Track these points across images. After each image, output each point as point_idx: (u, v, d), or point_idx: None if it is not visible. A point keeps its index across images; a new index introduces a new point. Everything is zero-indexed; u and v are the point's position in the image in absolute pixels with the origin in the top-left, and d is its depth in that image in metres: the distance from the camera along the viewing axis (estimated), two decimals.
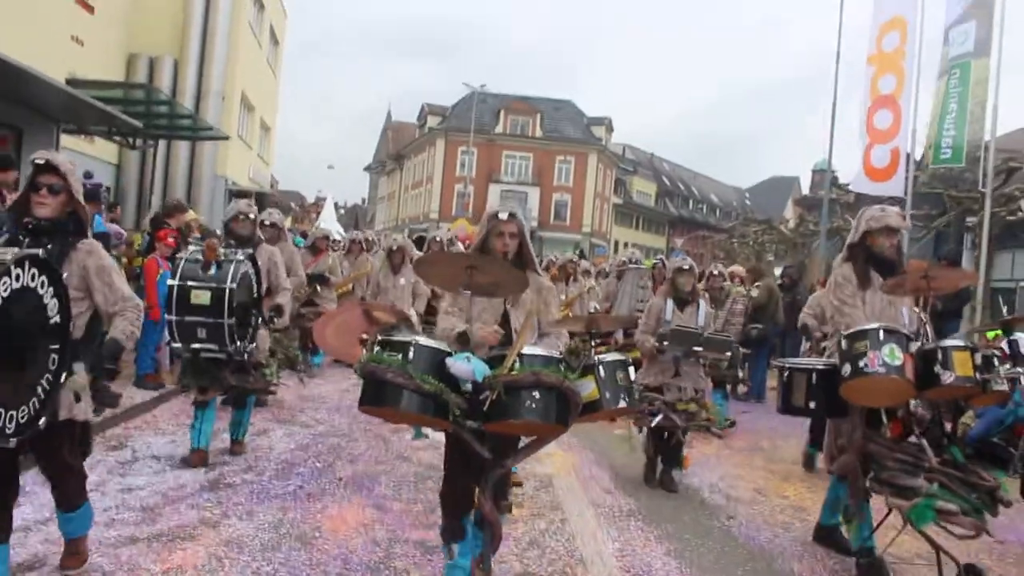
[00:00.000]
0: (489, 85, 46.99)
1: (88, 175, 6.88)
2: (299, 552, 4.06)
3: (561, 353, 3.37)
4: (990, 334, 7.84)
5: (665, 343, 5.89)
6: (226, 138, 18.07)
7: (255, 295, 5.35)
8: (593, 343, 3.97)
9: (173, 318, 5.05)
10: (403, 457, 6.13)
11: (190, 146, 18.88)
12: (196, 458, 5.42)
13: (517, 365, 3.09)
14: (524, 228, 3.67)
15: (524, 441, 3.54)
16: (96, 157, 15.93)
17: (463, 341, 3.38)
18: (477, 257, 3.40)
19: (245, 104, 22.94)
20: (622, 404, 3.41)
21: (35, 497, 4.41)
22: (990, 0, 12.18)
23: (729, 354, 6.62)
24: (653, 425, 5.79)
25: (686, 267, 6.19)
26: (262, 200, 20.32)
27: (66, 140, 13.29)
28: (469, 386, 3.06)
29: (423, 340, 3.13)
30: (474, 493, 3.41)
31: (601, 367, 3.37)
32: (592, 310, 9.90)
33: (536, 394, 3.04)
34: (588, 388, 3.28)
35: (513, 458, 3.40)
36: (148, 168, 17.43)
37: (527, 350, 3.16)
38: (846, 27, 18.24)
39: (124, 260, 7.90)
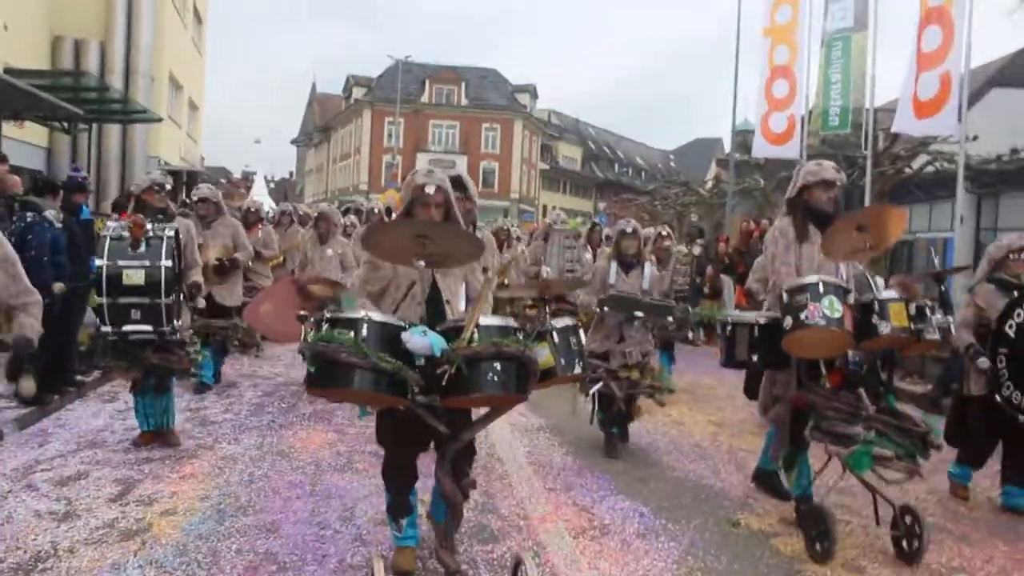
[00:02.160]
0: (413, 55, 47.58)
1: (76, 168, 7.71)
2: (281, 461, 5.27)
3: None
4: None
5: (606, 308, 5.86)
6: (159, 120, 18.51)
7: (176, 272, 5.12)
8: (547, 309, 3.92)
9: (104, 300, 4.78)
10: None
11: (121, 128, 19.22)
12: (143, 439, 5.42)
13: (476, 337, 2.95)
14: (451, 196, 3.48)
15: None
16: (27, 142, 16.24)
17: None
18: (430, 225, 3.21)
19: (173, 84, 23.23)
20: (577, 370, 3.38)
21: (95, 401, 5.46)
22: None
23: (671, 318, 6.37)
24: (592, 392, 5.86)
25: (630, 230, 6.15)
26: (193, 178, 20.86)
27: None
28: (423, 360, 2.92)
29: (376, 315, 2.99)
30: (416, 466, 3.46)
31: (555, 333, 3.34)
32: (527, 275, 9.76)
33: (497, 365, 2.93)
34: (543, 355, 3.24)
35: (468, 431, 3.28)
36: (81, 152, 17.81)
37: (482, 320, 3.01)
38: None
39: None
